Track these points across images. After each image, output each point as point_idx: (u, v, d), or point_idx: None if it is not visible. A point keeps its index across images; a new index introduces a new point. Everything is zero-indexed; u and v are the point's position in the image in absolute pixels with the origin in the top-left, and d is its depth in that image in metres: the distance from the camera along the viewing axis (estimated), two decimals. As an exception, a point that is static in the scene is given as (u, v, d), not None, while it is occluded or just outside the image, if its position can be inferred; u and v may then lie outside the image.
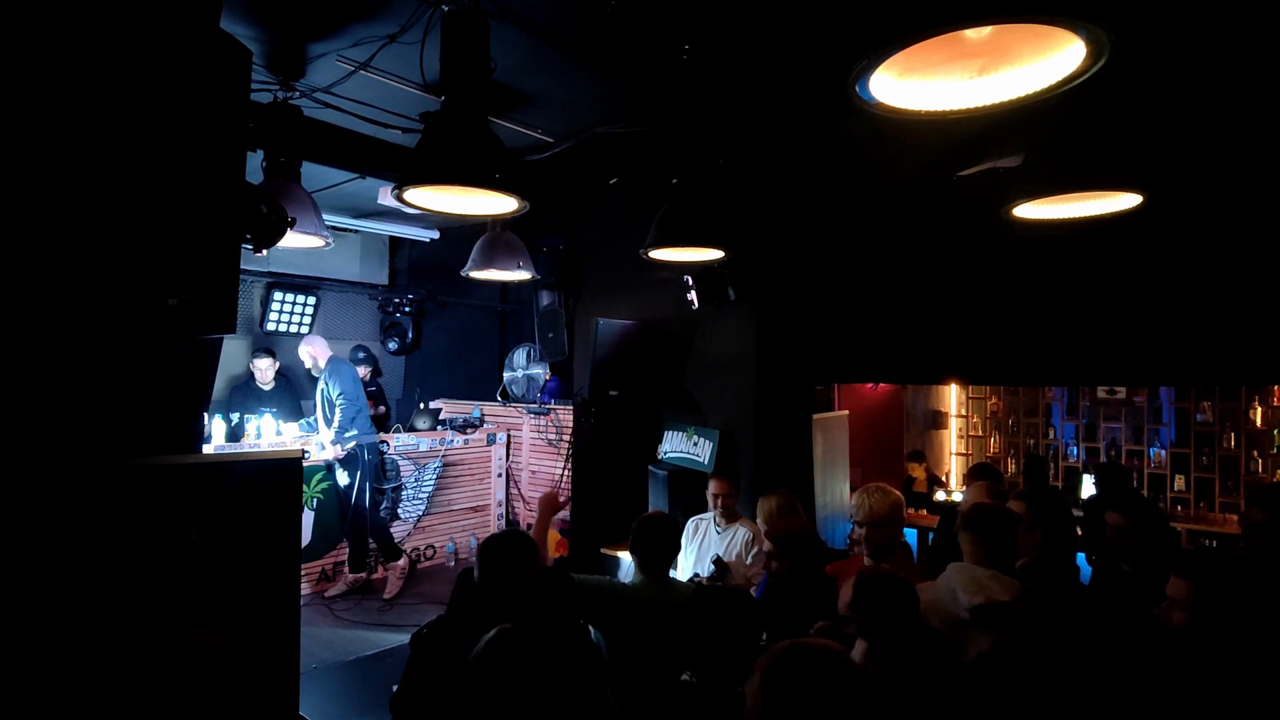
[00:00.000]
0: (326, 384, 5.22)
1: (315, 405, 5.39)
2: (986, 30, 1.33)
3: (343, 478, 5.21)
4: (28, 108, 1.42)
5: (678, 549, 2.79)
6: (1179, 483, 7.33)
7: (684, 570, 3.55)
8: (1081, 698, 1.92)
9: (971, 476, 4.03)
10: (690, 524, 3.80)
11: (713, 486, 3.68)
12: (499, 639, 1.77)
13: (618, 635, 2.50)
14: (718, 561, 3.33)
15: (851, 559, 2.74)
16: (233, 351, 6.01)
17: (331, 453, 5.18)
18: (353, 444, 5.19)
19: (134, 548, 1.63)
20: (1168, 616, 2.01)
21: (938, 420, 9.01)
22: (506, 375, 6.48)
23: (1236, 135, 3.15)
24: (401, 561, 5.36)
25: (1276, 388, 6.78)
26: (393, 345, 6.75)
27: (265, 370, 5.95)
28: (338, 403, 5.14)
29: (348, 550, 5.33)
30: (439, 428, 6.28)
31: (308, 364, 5.46)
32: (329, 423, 5.20)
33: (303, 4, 2.60)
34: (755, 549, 3.39)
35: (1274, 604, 1.82)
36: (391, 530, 5.65)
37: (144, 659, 1.64)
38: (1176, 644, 1.97)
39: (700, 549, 3.64)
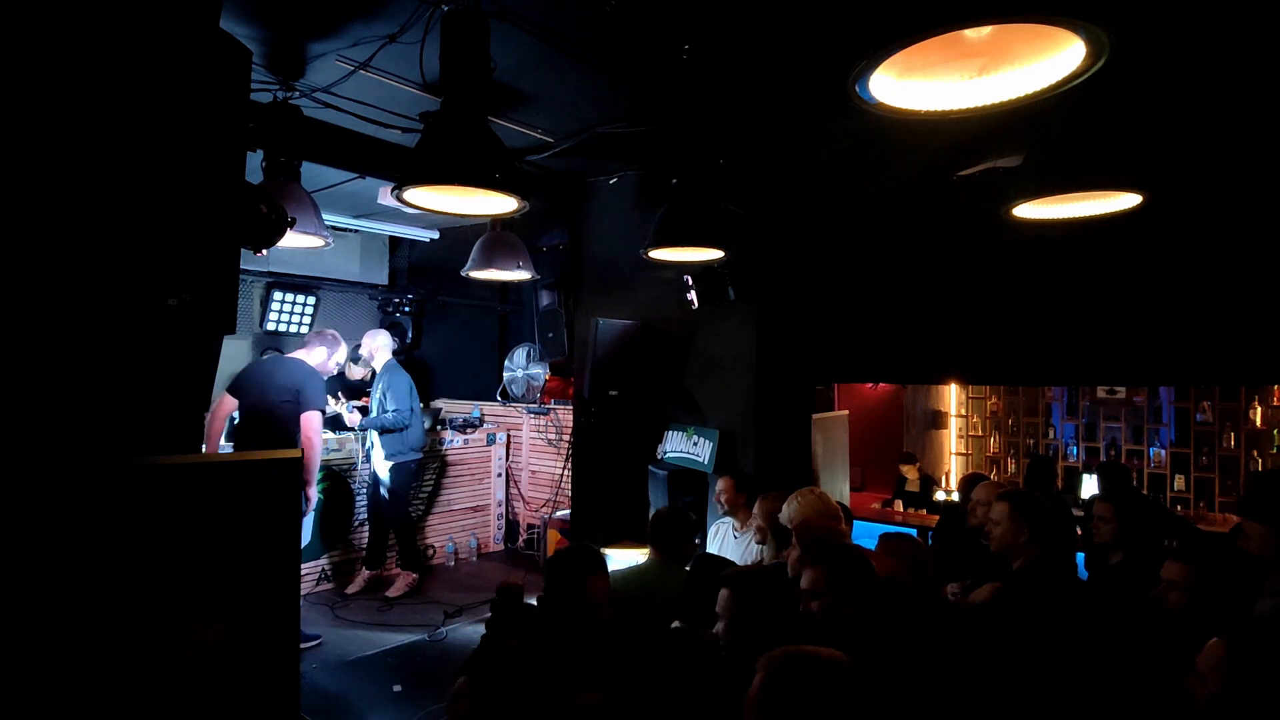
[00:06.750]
0: (384, 394, 5.35)
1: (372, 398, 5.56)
2: (986, 30, 1.33)
3: (383, 471, 5.29)
4: (27, 107, 1.42)
5: (693, 537, 2.87)
6: (1179, 482, 7.33)
7: None
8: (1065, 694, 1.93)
9: (967, 485, 3.94)
10: (711, 528, 3.89)
11: (721, 490, 3.71)
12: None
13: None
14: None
15: None
16: (236, 351, 5.99)
17: (348, 419, 5.41)
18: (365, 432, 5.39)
19: (134, 548, 1.63)
20: (1165, 599, 2.04)
21: (937, 420, 9.00)
22: (506, 375, 6.48)
23: (1236, 135, 3.15)
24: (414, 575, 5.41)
25: (1276, 388, 6.78)
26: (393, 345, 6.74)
27: None
28: (390, 409, 5.29)
29: (366, 547, 5.48)
30: (439, 428, 6.28)
31: (363, 353, 5.58)
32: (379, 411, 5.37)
33: (303, 4, 2.60)
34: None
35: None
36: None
37: (144, 658, 1.64)
38: (1175, 626, 2.00)
39: (719, 553, 3.67)
